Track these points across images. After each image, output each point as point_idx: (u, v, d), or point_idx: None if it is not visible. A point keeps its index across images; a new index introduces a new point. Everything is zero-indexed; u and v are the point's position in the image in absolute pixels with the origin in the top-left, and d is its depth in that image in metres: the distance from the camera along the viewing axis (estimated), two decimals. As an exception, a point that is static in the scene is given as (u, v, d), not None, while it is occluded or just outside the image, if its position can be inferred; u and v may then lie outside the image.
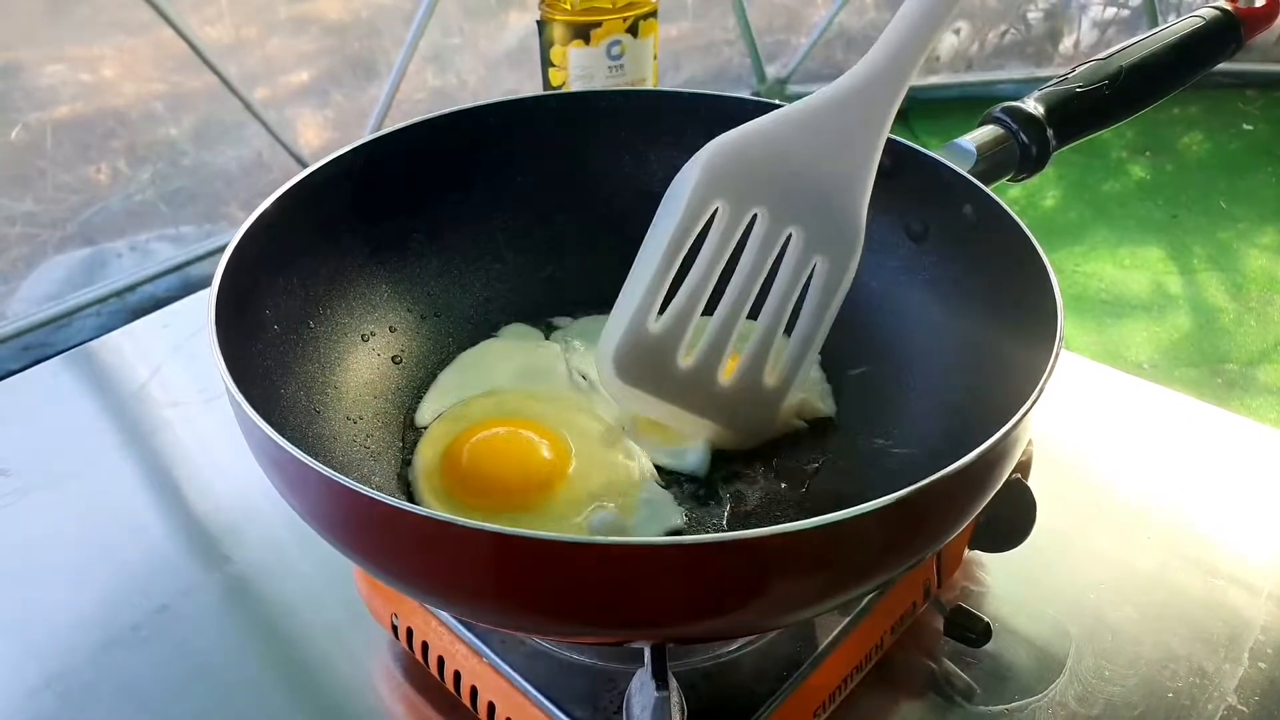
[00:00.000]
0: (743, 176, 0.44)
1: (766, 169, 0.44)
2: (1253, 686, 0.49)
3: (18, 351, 1.77)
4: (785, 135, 0.44)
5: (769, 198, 0.45)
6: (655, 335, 0.46)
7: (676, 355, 0.46)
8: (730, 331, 0.46)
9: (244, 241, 0.43)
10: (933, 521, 0.35)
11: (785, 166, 0.44)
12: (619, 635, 0.36)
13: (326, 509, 0.35)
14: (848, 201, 0.45)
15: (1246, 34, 0.53)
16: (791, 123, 0.45)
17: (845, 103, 0.44)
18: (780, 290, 0.46)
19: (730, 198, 0.44)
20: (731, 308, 0.46)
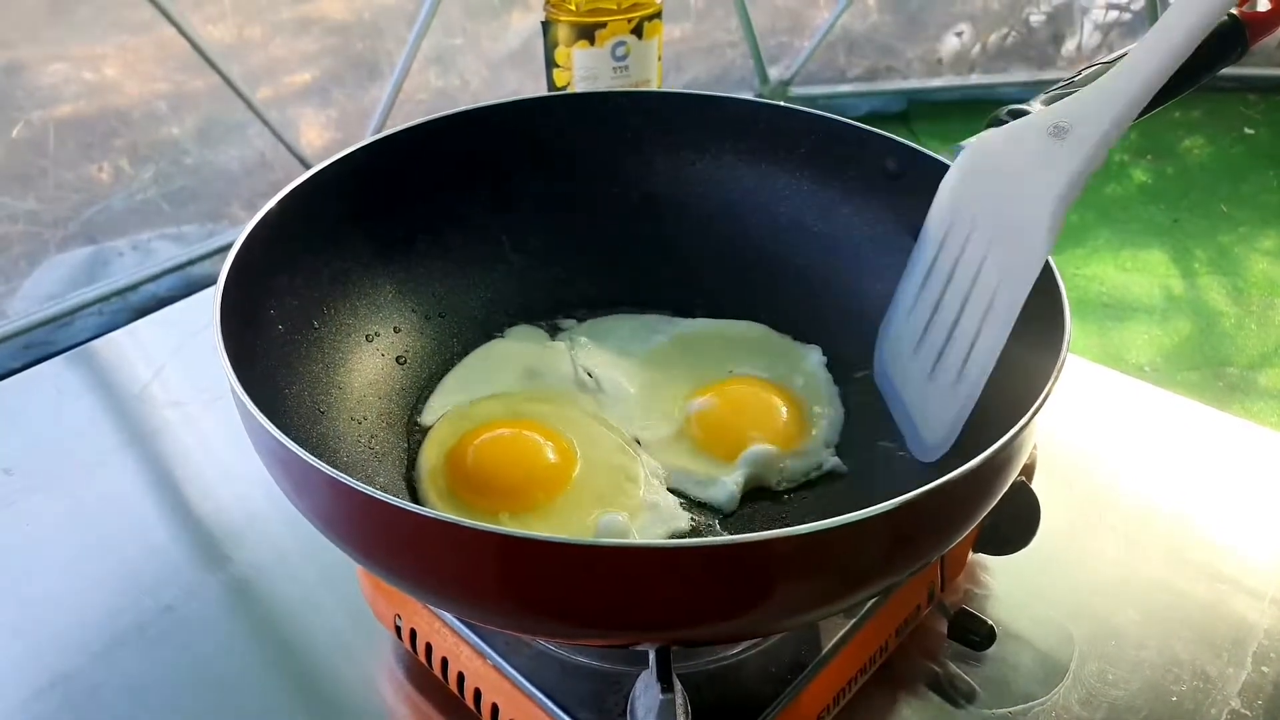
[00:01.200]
0: (978, 187, 0.46)
1: (995, 178, 0.46)
2: (1256, 690, 0.49)
3: (19, 350, 1.77)
4: (1020, 142, 0.45)
5: (986, 207, 0.46)
6: (904, 331, 0.49)
7: (912, 349, 0.49)
8: (939, 333, 0.47)
9: (249, 241, 0.43)
10: (939, 525, 0.35)
11: (1007, 176, 0.45)
12: (624, 638, 0.36)
13: (331, 509, 0.35)
14: (1032, 213, 0.44)
15: (1251, 38, 0.53)
16: (1028, 127, 0.45)
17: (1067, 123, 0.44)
18: (974, 300, 0.46)
19: (960, 218, 0.47)
20: (945, 311, 0.47)
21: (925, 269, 0.48)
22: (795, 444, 0.50)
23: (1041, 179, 0.44)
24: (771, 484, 0.49)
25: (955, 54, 2.74)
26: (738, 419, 0.51)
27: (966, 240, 0.46)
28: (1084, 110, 0.44)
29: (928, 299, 0.48)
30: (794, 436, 0.50)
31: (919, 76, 2.72)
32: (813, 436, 0.50)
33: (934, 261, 0.48)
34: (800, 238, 0.55)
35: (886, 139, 0.52)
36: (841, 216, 0.54)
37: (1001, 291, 0.44)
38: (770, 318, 0.57)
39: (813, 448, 0.50)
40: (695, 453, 0.50)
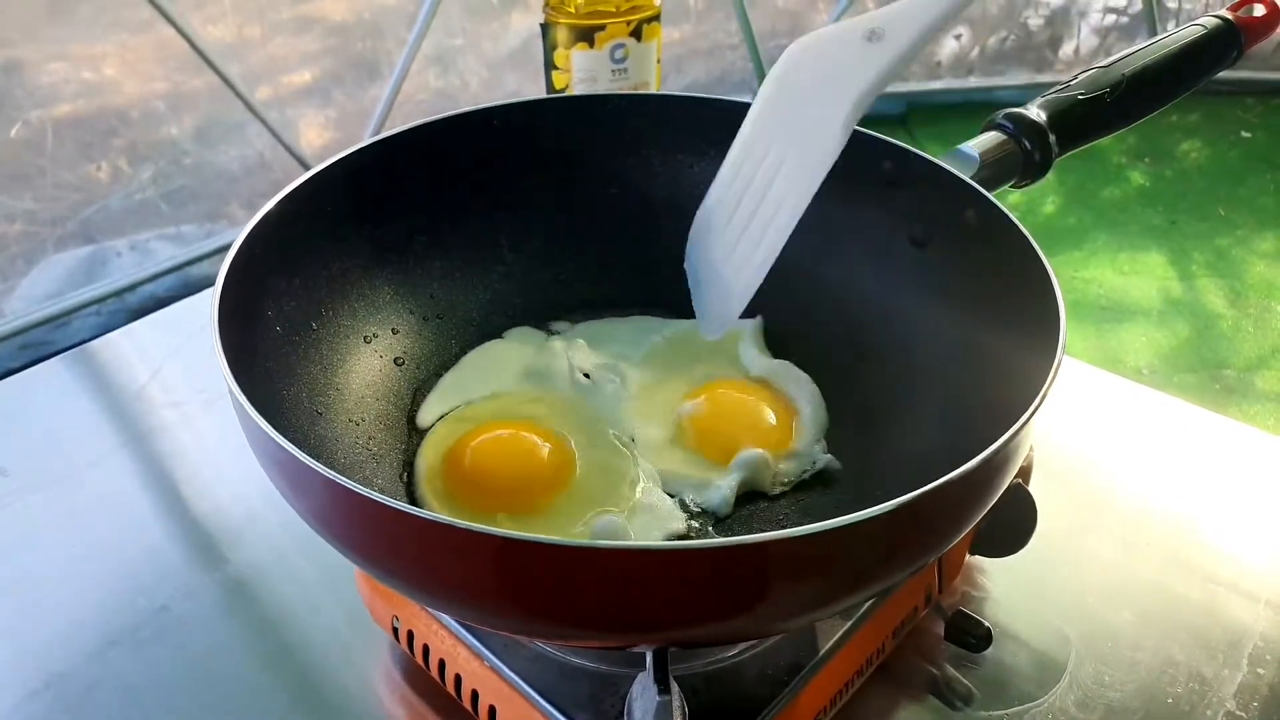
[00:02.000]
0: (794, 86, 0.48)
1: (810, 78, 0.48)
2: (1251, 692, 0.49)
3: (16, 350, 1.77)
4: (836, 43, 0.47)
5: (798, 106, 0.48)
6: (711, 215, 0.51)
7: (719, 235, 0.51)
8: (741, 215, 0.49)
9: (247, 242, 0.43)
10: (935, 527, 0.35)
11: (820, 77, 0.47)
12: (621, 639, 0.36)
13: (328, 511, 0.35)
14: (832, 104, 0.47)
15: (1247, 43, 0.53)
16: (846, 30, 0.47)
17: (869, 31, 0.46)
18: (759, 178, 0.49)
19: (781, 107, 0.49)
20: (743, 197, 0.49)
21: (736, 164, 0.50)
22: (786, 445, 0.50)
23: (845, 80, 0.46)
24: (766, 487, 0.49)
25: (954, 57, 2.75)
26: (729, 423, 0.51)
27: (773, 136, 0.48)
28: (899, 16, 0.46)
29: (734, 193, 0.50)
30: (784, 438, 0.50)
31: (918, 79, 2.72)
32: (802, 436, 0.51)
33: (744, 157, 0.49)
34: (795, 239, 0.55)
35: (880, 141, 0.52)
36: (837, 218, 0.54)
37: (792, 188, 0.47)
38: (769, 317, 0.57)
39: (803, 447, 0.50)
40: (689, 456, 0.50)
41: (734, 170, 0.50)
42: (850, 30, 0.47)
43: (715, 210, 0.51)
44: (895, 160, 0.51)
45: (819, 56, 0.47)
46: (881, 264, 0.53)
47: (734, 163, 0.50)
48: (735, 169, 0.50)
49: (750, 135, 0.49)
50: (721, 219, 0.50)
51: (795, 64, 0.48)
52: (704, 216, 0.52)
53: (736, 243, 0.49)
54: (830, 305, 0.55)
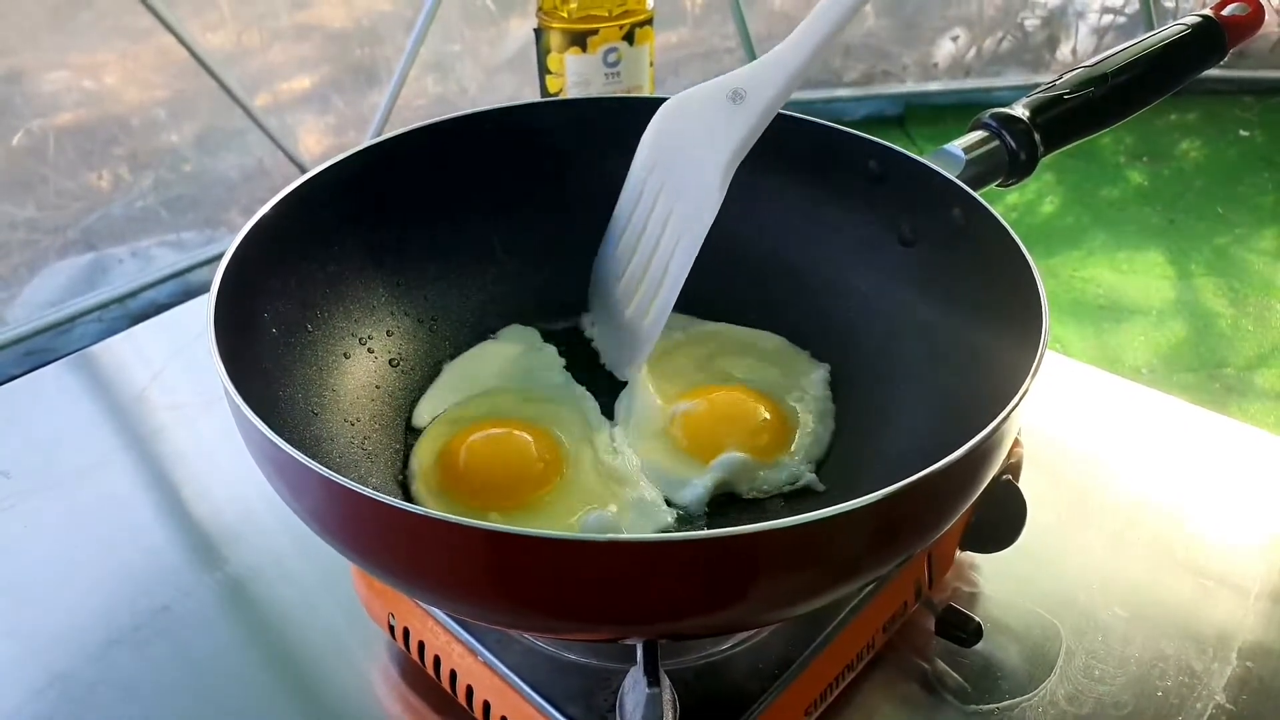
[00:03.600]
0: (667, 145, 0.51)
1: (680, 137, 0.51)
2: (1241, 685, 0.49)
3: (19, 357, 1.78)
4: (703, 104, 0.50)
5: (673, 164, 0.51)
6: (605, 268, 0.55)
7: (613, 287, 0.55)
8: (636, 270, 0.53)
9: (243, 246, 0.44)
10: (919, 518, 0.35)
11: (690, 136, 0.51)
12: (611, 632, 0.36)
13: (324, 509, 0.35)
14: (708, 164, 0.49)
15: (1231, 41, 0.54)
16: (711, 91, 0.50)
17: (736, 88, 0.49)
18: (647, 235, 0.52)
19: (656, 169, 0.52)
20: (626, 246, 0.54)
21: (628, 211, 0.53)
22: (772, 456, 0.50)
23: (717, 140, 0.49)
24: (741, 492, 0.49)
25: (951, 58, 2.75)
26: (716, 425, 0.51)
27: (658, 190, 0.52)
28: (758, 78, 0.48)
29: (628, 240, 0.54)
30: (772, 449, 0.50)
31: (915, 80, 2.73)
32: (792, 452, 0.50)
33: (634, 206, 0.53)
34: (785, 239, 0.56)
35: (867, 141, 0.52)
36: (826, 218, 0.55)
37: (680, 241, 0.50)
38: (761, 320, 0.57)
39: (790, 462, 0.50)
40: (672, 451, 0.50)
41: (624, 220, 0.54)
42: (716, 90, 0.49)
43: (610, 260, 0.55)
44: (881, 160, 0.52)
45: (689, 115, 0.50)
46: (870, 262, 0.53)
47: (624, 213, 0.54)
48: (625, 219, 0.53)
49: (635, 186, 0.53)
50: (617, 268, 0.54)
51: (669, 120, 0.51)
52: (602, 264, 0.56)
53: (635, 291, 0.53)
54: (819, 303, 0.55)
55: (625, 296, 0.54)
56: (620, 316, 0.54)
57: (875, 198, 0.53)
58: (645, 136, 0.52)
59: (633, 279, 0.53)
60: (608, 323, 0.56)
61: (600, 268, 0.56)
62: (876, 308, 0.53)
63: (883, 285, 0.53)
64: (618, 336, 0.55)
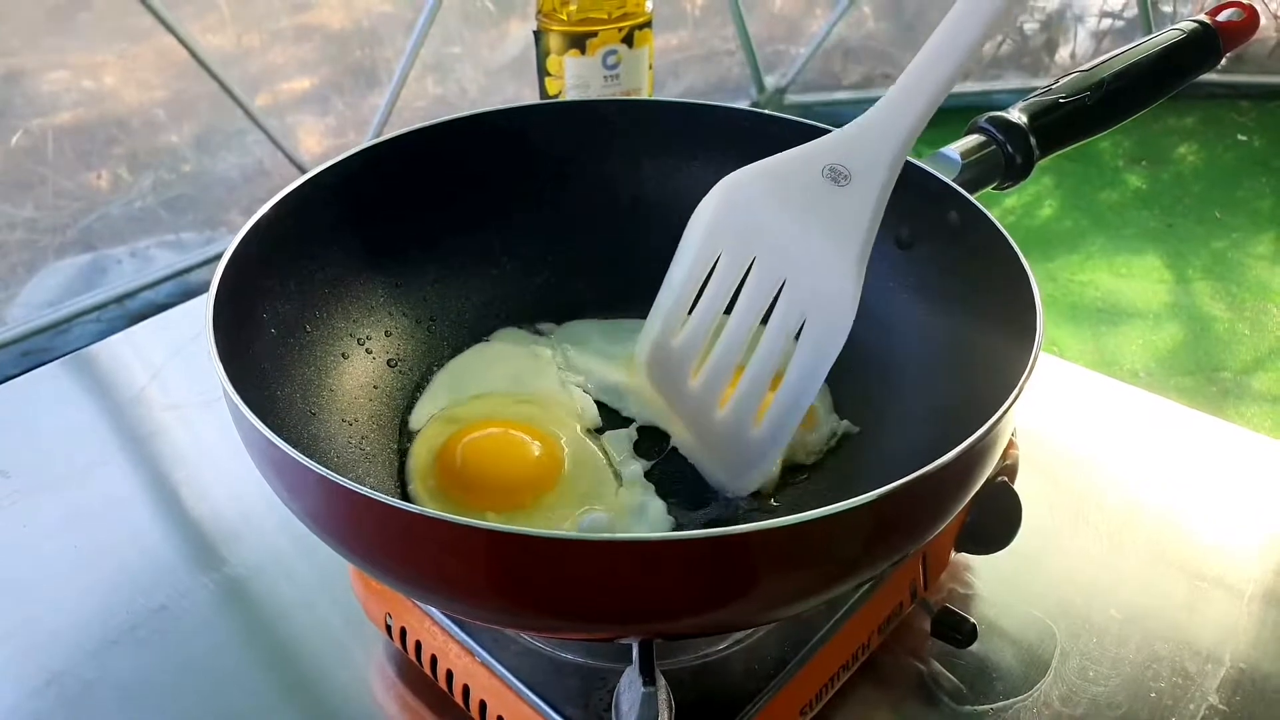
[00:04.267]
0: (746, 218, 0.44)
1: (768, 214, 0.44)
2: (1234, 687, 0.50)
3: (17, 357, 1.78)
4: (791, 180, 0.43)
5: (765, 244, 0.44)
6: (674, 349, 0.48)
7: (688, 374, 0.48)
8: (728, 363, 0.46)
9: (242, 246, 0.44)
10: (915, 519, 0.35)
11: (785, 215, 0.43)
12: (606, 631, 0.36)
13: (322, 508, 0.35)
14: (837, 264, 0.43)
15: (1225, 46, 0.54)
16: (799, 165, 0.43)
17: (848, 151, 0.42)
18: (770, 336, 0.45)
19: (730, 241, 0.45)
20: (728, 340, 0.46)
21: (688, 291, 0.46)
22: (811, 422, 0.51)
23: (834, 228, 0.42)
24: (801, 460, 0.50)
25: (950, 61, 2.75)
26: None
27: (743, 274, 0.45)
28: (861, 155, 0.41)
29: (701, 324, 0.47)
30: (810, 416, 0.50)
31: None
32: (817, 409, 0.51)
33: (700, 286, 0.46)
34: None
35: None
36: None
37: (810, 341, 0.43)
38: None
39: (824, 420, 0.51)
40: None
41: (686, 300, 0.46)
42: (803, 165, 0.42)
43: (678, 340, 0.48)
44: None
45: (775, 194, 0.43)
46: (867, 265, 0.53)
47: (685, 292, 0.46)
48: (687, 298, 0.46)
49: (698, 265, 0.45)
50: (691, 351, 0.47)
51: (741, 196, 0.44)
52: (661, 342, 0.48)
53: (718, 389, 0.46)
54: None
55: (709, 395, 0.47)
56: (708, 418, 0.47)
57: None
58: (702, 214, 0.46)
59: (718, 377, 0.46)
60: (689, 420, 0.48)
61: (657, 351, 0.48)
62: (872, 309, 0.53)
63: (879, 287, 0.52)
64: (715, 445, 0.47)
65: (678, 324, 0.48)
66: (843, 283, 0.42)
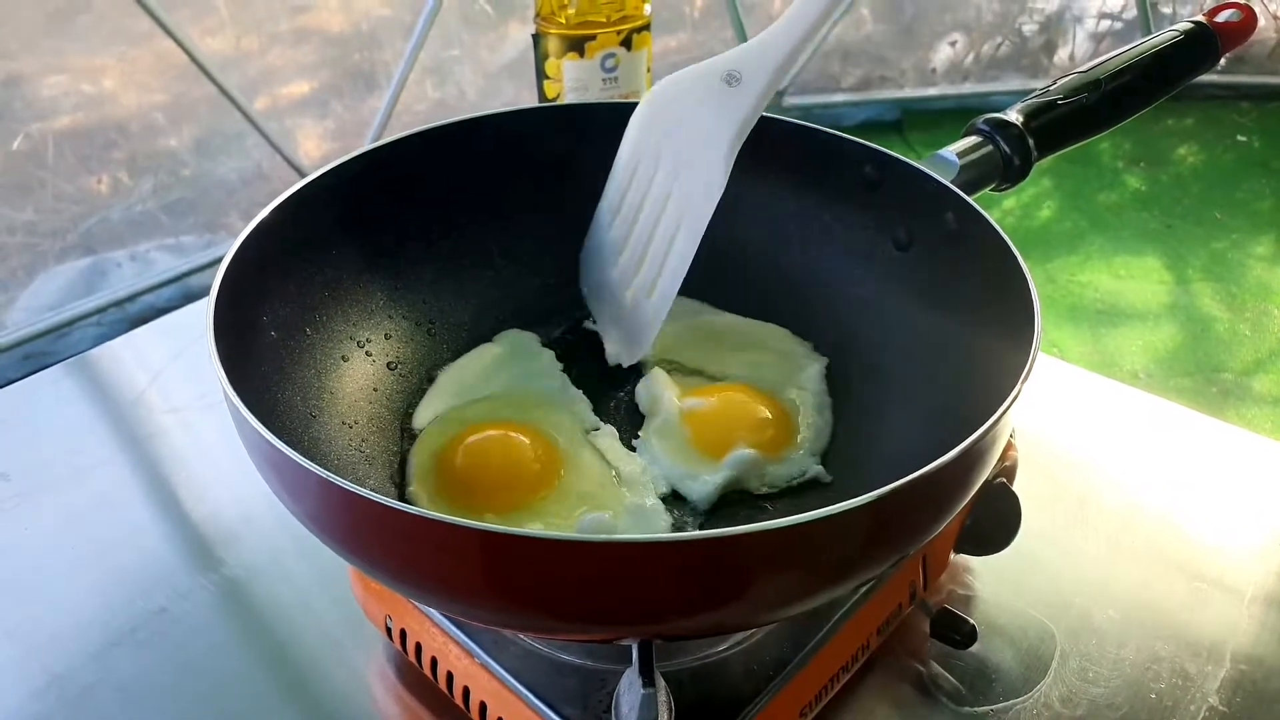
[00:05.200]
0: (660, 125, 0.52)
1: (676, 118, 0.51)
2: (1234, 688, 0.50)
3: (18, 361, 1.78)
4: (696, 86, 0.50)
5: (671, 142, 0.51)
6: (602, 248, 0.55)
7: (612, 267, 0.54)
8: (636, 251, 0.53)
9: (242, 249, 0.44)
10: (913, 520, 0.35)
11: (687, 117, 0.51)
12: (605, 632, 0.36)
13: (322, 510, 0.36)
14: (712, 149, 0.49)
15: (1223, 47, 0.54)
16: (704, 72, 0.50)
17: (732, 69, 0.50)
18: (647, 212, 0.52)
19: (647, 149, 0.52)
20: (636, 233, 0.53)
21: (619, 194, 0.53)
22: (780, 451, 0.51)
23: (717, 121, 0.49)
24: (752, 488, 0.49)
25: (949, 63, 2.76)
26: (726, 422, 0.52)
27: (654, 172, 0.52)
28: (753, 60, 0.49)
29: (623, 222, 0.53)
30: (779, 444, 0.51)
31: (913, 86, 2.74)
32: (798, 445, 0.51)
33: (626, 188, 0.53)
34: (781, 243, 0.56)
35: (862, 146, 0.53)
36: (822, 222, 0.55)
37: (685, 220, 0.50)
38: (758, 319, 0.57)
39: (797, 456, 0.51)
40: (682, 447, 0.50)
41: (615, 204, 0.53)
42: (708, 73, 0.50)
43: (602, 246, 0.54)
44: (877, 165, 0.52)
45: (682, 98, 0.51)
46: (866, 266, 0.54)
47: (613, 198, 0.53)
48: (616, 203, 0.53)
49: (625, 170, 0.53)
50: (614, 247, 0.54)
51: (659, 104, 0.52)
52: (595, 245, 0.55)
53: (637, 269, 0.53)
54: (814, 307, 0.56)
55: (623, 281, 0.54)
56: (620, 302, 0.54)
57: (871, 202, 0.53)
58: (634, 120, 0.52)
59: (630, 263, 0.53)
60: (606, 311, 0.55)
61: (591, 256, 0.56)
62: (872, 311, 0.53)
63: (878, 289, 0.53)
64: (619, 324, 0.54)
65: (607, 226, 0.54)
66: (712, 165, 0.49)
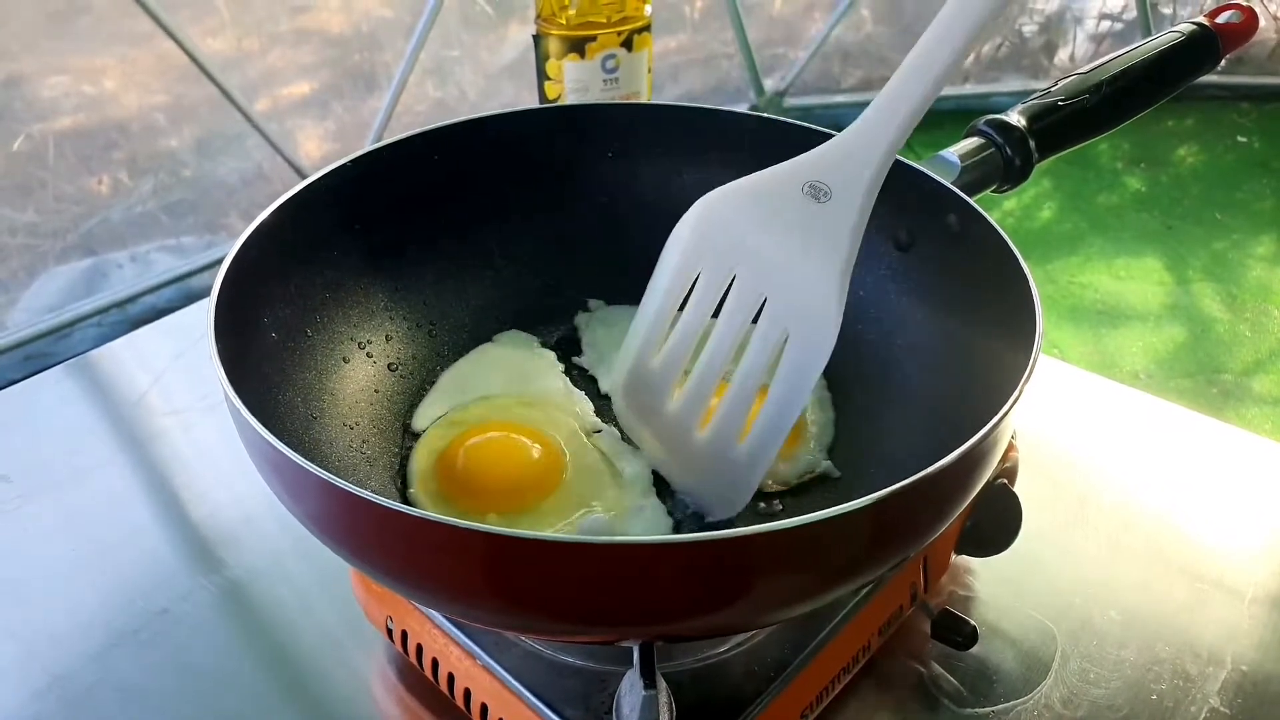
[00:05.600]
0: (725, 237, 0.44)
1: (748, 231, 0.43)
2: (1235, 689, 0.50)
3: (19, 362, 1.78)
4: (771, 198, 0.43)
5: (745, 262, 0.44)
6: (652, 372, 0.47)
7: (667, 395, 0.47)
8: (708, 382, 0.45)
9: (243, 251, 0.44)
10: (913, 521, 0.35)
11: (765, 233, 0.43)
12: (607, 634, 0.36)
13: (323, 512, 0.36)
14: (819, 281, 0.42)
15: (1224, 49, 0.54)
16: (778, 183, 0.43)
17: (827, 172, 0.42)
18: (753, 352, 0.44)
19: (710, 260, 0.44)
20: (709, 358, 0.45)
21: (666, 311, 0.46)
22: (789, 449, 0.50)
23: (814, 246, 0.42)
24: (762, 485, 0.49)
25: (949, 64, 2.76)
26: None
27: (723, 293, 0.44)
28: (841, 172, 0.41)
29: (680, 345, 0.46)
30: (789, 442, 0.50)
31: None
32: (805, 442, 0.51)
33: (678, 305, 0.46)
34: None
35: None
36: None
37: (792, 360, 0.42)
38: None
39: (804, 453, 0.51)
40: None
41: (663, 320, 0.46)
42: (783, 184, 0.42)
43: (656, 362, 0.46)
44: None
45: (754, 210, 0.43)
46: (867, 267, 0.53)
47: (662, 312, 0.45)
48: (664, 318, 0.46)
49: (676, 285, 0.45)
50: (670, 373, 0.46)
51: (721, 213, 0.44)
52: (638, 366, 0.47)
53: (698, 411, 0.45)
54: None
55: (688, 416, 0.45)
56: (687, 441, 0.46)
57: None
58: (681, 231, 0.45)
59: (698, 398, 0.45)
60: (667, 445, 0.47)
61: (634, 378, 0.47)
62: (872, 312, 0.53)
63: (878, 290, 0.53)
64: (697, 468, 0.46)
65: (656, 345, 0.47)
66: (826, 300, 0.42)
